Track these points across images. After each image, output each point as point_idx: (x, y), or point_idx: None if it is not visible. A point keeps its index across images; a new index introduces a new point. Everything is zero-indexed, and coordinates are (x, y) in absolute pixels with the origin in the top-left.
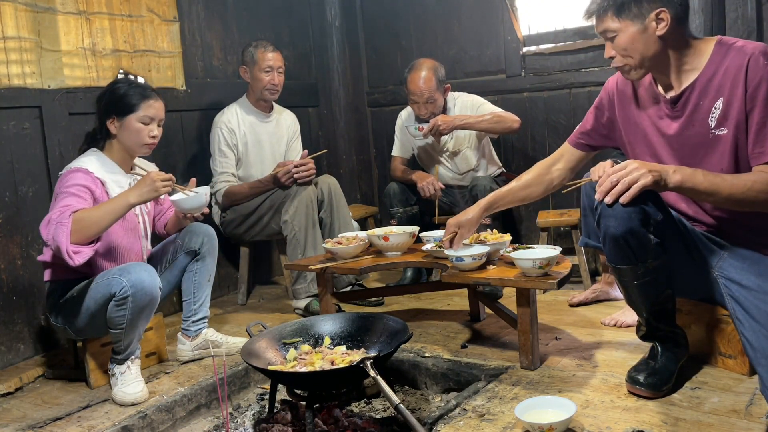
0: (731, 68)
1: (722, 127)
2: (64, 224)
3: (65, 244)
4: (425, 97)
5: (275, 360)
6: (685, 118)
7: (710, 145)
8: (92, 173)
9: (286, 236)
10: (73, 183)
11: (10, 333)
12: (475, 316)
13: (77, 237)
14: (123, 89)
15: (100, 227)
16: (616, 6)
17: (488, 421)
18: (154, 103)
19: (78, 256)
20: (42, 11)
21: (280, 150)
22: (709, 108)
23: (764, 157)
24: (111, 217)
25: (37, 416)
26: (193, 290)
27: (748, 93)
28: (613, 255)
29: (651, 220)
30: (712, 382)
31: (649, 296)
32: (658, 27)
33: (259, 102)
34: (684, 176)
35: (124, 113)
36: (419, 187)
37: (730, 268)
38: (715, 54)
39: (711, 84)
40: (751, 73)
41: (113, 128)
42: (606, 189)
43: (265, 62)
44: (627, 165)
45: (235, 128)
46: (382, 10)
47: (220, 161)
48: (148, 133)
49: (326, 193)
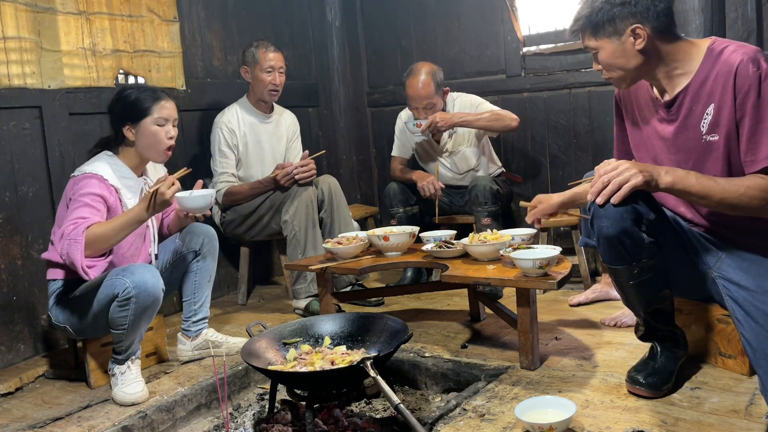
0: (721, 74)
1: (713, 133)
2: (78, 241)
3: (80, 261)
4: (424, 102)
5: (275, 360)
6: (679, 122)
7: (703, 151)
8: (106, 180)
9: (286, 236)
10: (87, 191)
11: (10, 333)
12: (475, 316)
13: (90, 252)
14: (133, 94)
15: (113, 242)
16: (591, 26)
17: (488, 421)
18: (166, 103)
19: (93, 270)
20: (42, 11)
21: (280, 150)
22: (701, 113)
23: (756, 165)
24: (124, 233)
25: (37, 416)
26: (194, 290)
27: (737, 101)
28: (608, 255)
29: (643, 219)
30: (712, 382)
31: (645, 296)
32: (636, 42)
33: (260, 102)
34: (675, 178)
35: (138, 118)
36: (419, 186)
37: (729, 269)
38: (707, 58)
39: (703, 89)
40: (740, 81)
41: (131, 135)
42: (597, 189)
43: (266, 62)
44: (618, 165)
45: (235, 128)
46: (382, 10)
47: (220, 161)
48: (165, 135)
49: (326, 193)
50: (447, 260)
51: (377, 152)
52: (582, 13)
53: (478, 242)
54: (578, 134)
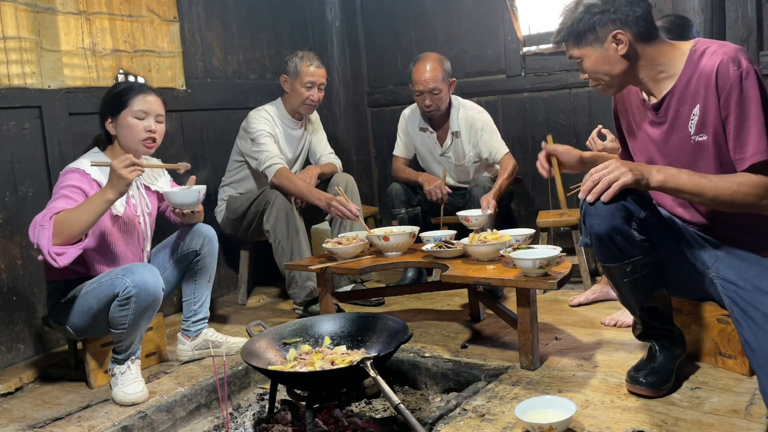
0: (704, 75)
1: (702, 133)
2: (45, 227)
3: (47, 246)
4: (430, 86)
5: (275, 360)
6: (668, 124)
7: (693, 152)
8: (89, 174)
9: (272, 244)
10: (66, 184)
11: (10, 333)
12: (475, 316)
13: (60, 238)
14: (119, 87)
15: (81, 227)
16: (573, 36)
17: (488, 421)
18: (148, 97)
19: (62, 258)
20: (42, 11)
21: (302, 157)
22: (688, 115)
23: (746, 163)
24: (91, 216)
25: (37, 416)
26: (193, 290)
27: (721, 101)
28: (600, 253)
29: (634, 217)
30: (712, 382)
31: (639, 294)
32: (618, 48)
33: (295, 113)
34: (667, 176)
35: (118, 111)
36: (426, 190)
37: (727, 269)
38: (690, 59)
39: (687, 90)
40: (722, 81)
41: (111, 128)
42: (588, 188)
43: (307, 77)
44: (609, 164)
45: (273, 125)
46: (382, 10)
47: (266, 143)
48: (143, 128)
49: (343, 189)
50: (447, 260)
51: (377, 152)
52: (564, 24)
53: (478, 242)
54: (578, 134)
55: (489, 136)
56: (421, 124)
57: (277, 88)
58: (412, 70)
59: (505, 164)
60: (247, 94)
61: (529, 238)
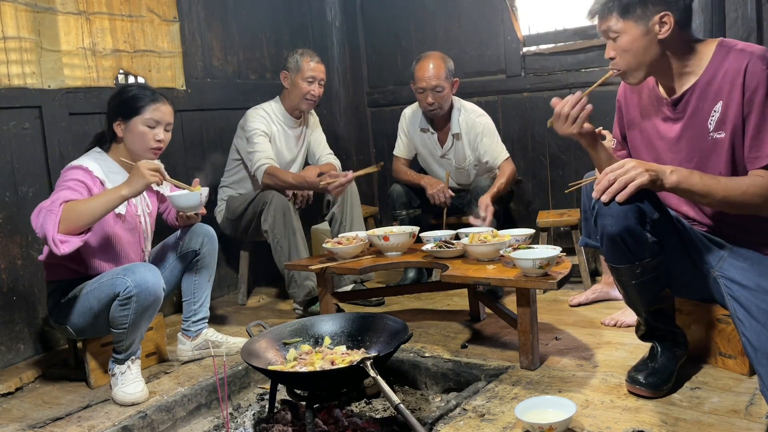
0: (730, 71)
1: (720, 130)
2: (53, 212)
3: (52, 232)
4: (433, 83)
5: (275, 360)
6: (685, 120)
7: (708, 149)
8: (92, 172)
9: (270, 244)
10: (70, 178)
11: (10, 333)
12: (475, 316)
13: (66, 226)
14: (132, 92)
15: (91, 218)
16: (621, 6)
17: (488, 421)
18: (161, 106)
19: (64, 245)
20: (42, 11)
21: (300, 157)
22: (708, 111)
23: (760, 162)
24: (102, 209)
25: (37, 416)
26: (193, 290)
27: (746, 97)
28: (611, 254)
29: (647, 218)
30: (712, 382)
31: (647, 295)
32: (661, 30)
33: (294, 110)
34: (680, 177)
35: (129, 116)
36: (429, 194)
37: (731, 269)
38: (716, 57)
39: (710, 87)
40: (749, 77)
41: (119, 131)
42: (603, 187)
43: (308, 72)
44: (624, 164)
45: (269, 123)
46: (382, 10)
47: (258, 143)
48: (153, 137)
49: None
50: (447, 260)
51: (377, 152)
52: None
53: (478, 242)
54: None
55: (489, 140)
56: (422, 125)
57: (277, 88)
58: (415, 67)
59: (504, 169)
60: (247, 94)
61: (529, 238)
